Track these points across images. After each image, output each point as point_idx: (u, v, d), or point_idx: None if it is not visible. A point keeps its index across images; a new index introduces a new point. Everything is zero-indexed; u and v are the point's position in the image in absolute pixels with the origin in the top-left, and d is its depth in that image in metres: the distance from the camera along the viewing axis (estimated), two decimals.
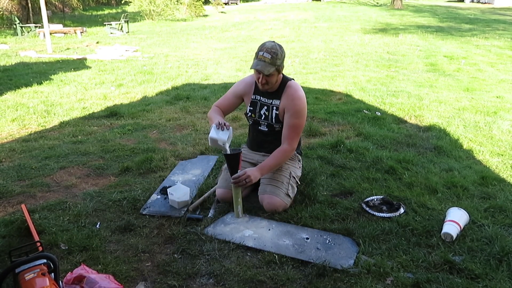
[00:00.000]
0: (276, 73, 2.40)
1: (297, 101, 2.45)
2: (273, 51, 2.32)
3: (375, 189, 2.73)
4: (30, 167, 3.17)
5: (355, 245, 2.15)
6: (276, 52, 2.32)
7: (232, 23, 17.83)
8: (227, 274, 1.93)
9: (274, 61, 2.31)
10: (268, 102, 2.54)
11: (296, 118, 2.46)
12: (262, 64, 2.31)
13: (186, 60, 8.61)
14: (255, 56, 2.37)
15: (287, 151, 2.48)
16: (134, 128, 4.15)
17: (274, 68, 2.33)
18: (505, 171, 3.07)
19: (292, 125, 2.47)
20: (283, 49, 2.40)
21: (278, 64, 2.34)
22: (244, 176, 2.32)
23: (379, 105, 4.87)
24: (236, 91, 2.67)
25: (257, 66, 2.33)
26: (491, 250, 2.05)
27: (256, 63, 2.34)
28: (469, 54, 8.69)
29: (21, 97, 5.47)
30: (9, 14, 18.40)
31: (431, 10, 22.51)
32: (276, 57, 2.32)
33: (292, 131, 2.47)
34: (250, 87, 2.61)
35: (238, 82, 2.70)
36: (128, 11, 22.08)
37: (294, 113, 2.45)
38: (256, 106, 2.59)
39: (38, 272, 1.55)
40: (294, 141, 2.49)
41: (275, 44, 2.37)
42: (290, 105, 2.45)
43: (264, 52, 2.32)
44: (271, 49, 2.32)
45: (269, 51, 2.31)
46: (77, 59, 8.77)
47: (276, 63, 2.33)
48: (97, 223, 2.37)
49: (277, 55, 2.32)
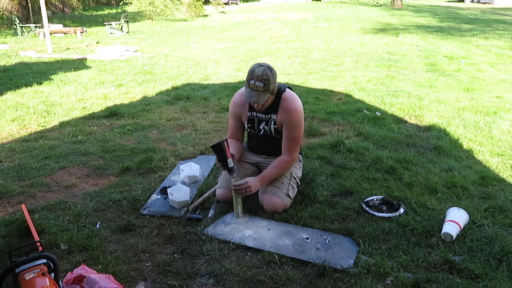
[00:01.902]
0: (271, 96, 2.36)
1: (293, 114, 2.42)
2: (264, 77, 2.24)
3: (375, 189, 2.73)
4: (30, 167, 3.17)
5: (355, 245, 2.15)
6: (268, 78, 2.25)
7: (232, 23, 17.83)
8: (227, 274, 1.93)
9: (267, 87, 2.26)
10: (267, 117, 2.51)
11: (294, 131, 2.45)
12: (256, 95, 2.26)
13: (186, 60, 8.61)
14: (247, 84, 2.30)
15: (288, 162, 2.49)
16: (134, 128, 4.15)
17: (268, 94, 2.29)
18: (505, 171, 3.07)
19: (291, 138, 2.46)
20: (273, 70, 2.32)
21: (272, 88, 2.29)
22: (245, 186, 2.34)
23: (379, 105, 4.88)
24: (233, 114, 2.62)
25: (251, 98, 2.28)
26: (491, 250, 2.05)
27: (249, 94, 2.28)
28: (469, 54, 8.69)
29: (21, 97, 5.47)
30: (9, 14, 18.39)
31: (431, 10, 22.51)
32: (269, 83, 2.26)
33: (292, 143, 2.47)
34: (243, 106, 2.55)
35: (231, 105, 2.62)
36: (128, 11, 22.08)
37: (292, 126, 2.44)
38: (254, 122, 2.56)
39: (38, 272, 1.55)
40: (295, 152, 2.50)
41: (265, 69, 2.28)
42: (287, 119, 2.43)
43: (256, 80, 2.24)
44: (261, 76, 2.24)
45: (260, 79, 2.24)
46: (77, 59, 8.77)
47: (269, 88, 2.28)
48: (97, 223, 2.38)
49: (269, 81, 2.26)
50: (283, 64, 7.89)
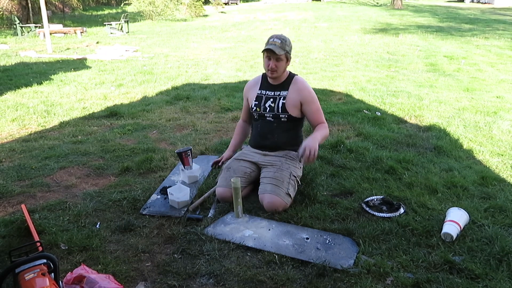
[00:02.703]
0: (285, 60, 2.59)
1: (309, 90, 2.70)
2: (282, 37, 2.57)
3: (375, 189, 2.73)
4: (30, 167, 3.17)
5: (355, 245, 2.14)
6: (285, 39, 2.58)
7: (232, 23, 17.83)
8: (227, 274, 1.93)
9: (283, 45, 2.54)
10: (275, 94, 2.70)
11: (315, 103, 2.70)
12: (273, 46, 2.52)
13: (186, 60, 8.61)
14: (266, 43, 2.58)
15: (327, 127, 2.72)
16: (134, 128, 4.16)
17: (284, 52, 2.54)
18: (505, 171, 3.07)
19: (316, 110, 2.70)
20: (290, 40, 2.63)
21: (287, 50, 2.57)
22: (307, 151, 2.36)
23: (379, 105, 4.88)
24: (245, 96, 2.90)
25: (269, 46, 2.52)
26: (491, 250, 2.05)
27: (268, 45, 2.54)
28: (469, 54, 8.69)
29: (21, 97, 5.47)
30: (9, 14, 18.40)
31: (431, 10, 22.51)
32: (285, 43, 2.56)
33: (319, 114, 2.71)
34: (254, 85, 2.81)
35: (245, 87, 2.92)
36: (128, 11, 22.07)
37: (312, 100, 2.69)
38: (261, 100, 2.73)
39: (38, 272, 1.55)
40: (324, 120, 2.74)
41: (284, 35, 2.61)
42: (305, 96, 2.67)
43: (274, 38, 2.56)
44: (280, 36, 2.58)
45: (279, 37, 2.56)
46: (77, 59, 8.77)
47: (285, 48, 2.55)
48: (97, 223, 2.38)
49: (286, 42, 2.57)
50: None
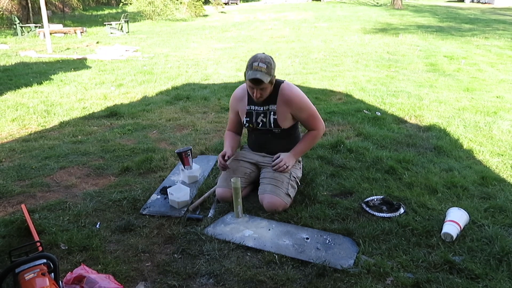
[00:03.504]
0: (270, 85, 2.44)
1: (297, 99, 2.55)
2: (267, 61, 2.36)
3: (375, 189, 2.73)
4: (30, 167, 3.17)
5: (355, 245, 2.14)
6: (270, 62, 2.38)
7: (232, 23, 17.83)
8: (227, 274, 1.93)
9: (269, 70, 2.36)
10: (265, 109, 2.57)
11: (306, 111, 2.58)
12: (260, 73, 2.33)
13: (186, 60, 8.61)
14: (249, 67, 2.37)
15: (317, 135, 2.65)
16: (134, 128, 4.16)
17: (270, 77, 2.37)
18: (505, 171, 3.07)
19: (307, 118, 2.59)
20: (273, 60, 2.44)
21: (272, 74, 2.39)
22: (282, 163, 2.50)
23: (379, 105, 4.87)
24: (232, 109, 2.74)
25: (255, 75, 2.32)
26: (491, 250, 2.05)
27: (253, 73, 2.33)
28: (469, 54, 8.69)
29: (21, 97, 5.47)
30: (9, 14, 18.40)
31: (431, 10, 22.51)
32: (271, 66, 2.37)
33: (311, 120, 2.61)
34: (242, 99, 2.65)
35: (231, 99, 2.74)
36: (128, 11, 22.07)
37: (301, 108, 2.56)
38: (252, 116, 2.62)
39: (38, 272, 1.55)
40: (318, 125, 2.62)
41: (267, 55, 2.41)
42: (293, 107, 2.53)
43: (259, 62, 2.34)
44: (265, 59, 2.36)
45: (263, 61, 2.35)
46: (77, 59, 8.77)
47: (271, 73, 2.37)
48: (97, 223, 2.38)
49: (271, 65, 2.38)
50: (283, 64, 7.89)
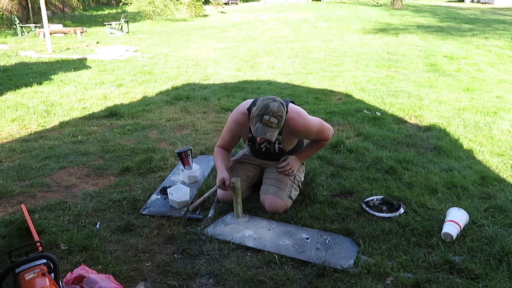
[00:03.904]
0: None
1: (302, 129, 2.37)
2: (279, 114, 2.12)
3: (375, 189, 2.73)
4: (30, 167, 3.17)
5: (355, 245, 2.15)
6: (282, 114, 2.14)
7: (232, 23, 17.83)
8: (227, 274, 1.93)
9: (280, 124, 2.15)
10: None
11: (312, 133, 2.47)
12: (270, 131, 2.12)
13: (186, 60, 8.61)
14: (258, 118, 2.12)
15: (324, 144, 2.63)
16: (134, 128, 4.16)
17: (279, 130, 2.20)
18: (505, 171, 3.07)
19: (315, 136, 2.51)
20: (285, 106, 2.22)
21: (282, 124, 2.20)
22: (288, 167, 2.50)
23: (379, 105, 4.87)
24: (232, 131, 2.48)
25: (265, 135, 2.11)
26: (491, 250, 2.05)
27: (262, 130, 2.11)
28: (469, 54, 8.69)
29: (21, 97, 5.47)
30: (9, 14, 18.39)
31: (431, 10, 22.50)
32: (282, 119, 2.15)
33: (320, 135, 2.51)
34: (243, 127, 2.43)
35: (231, 122, 2.46)
36: (128, 11, 22.07)
37: (308, 134, 2.49)
38: (255, 142, 2.47)
39: (38, 272, 1.55)
40: (327, 134, 2.52)
41: (279, 105, 2.14)
42: (300, 134, 2.48)
43: (271, 116, 2.10)
44: (277, 113, 2.11)
45: (275, 115, 2.11)
46: (77, 59, 8.77)
47: (281, 125, 2.18)
48: (97, 223, 2.38)
49: (283, 118, 2.16)
50: (283, 64, 7.89)
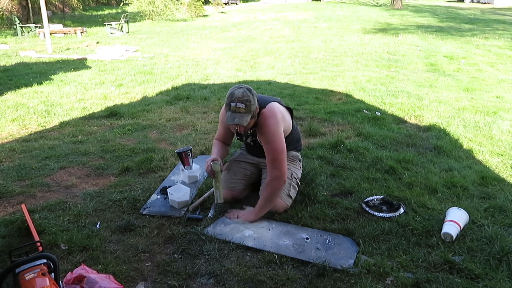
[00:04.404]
0: (253, 119, 2.26)
1: (265, 129, 2.31)
2: (244, 99, 2.17)
3: (375, 189, 2.73)
4: (30, 167, 3.17)
5: (355, 245, 2.15)
6: (248, 98, 2.18)
7: (232, 23, 17.83)
8: (227, 274, 1.93)
9: (248, 108, 2.18)
10: (252, 131, 2.46)
11: (268, 144, 2.32)
12: (239, 116, 2.18)
13: (186, 60, 8.61)
14: (227, 107, 2.22)
15: (274, 182, 2.31)
16: (134, 128, 4.16)
17: (250, 115, 2.20)
18: (505, 171, 3.07)
19: (268, 151, 2.32)
20: (253, 91, 2.24)
21: (253, 110, 2.21)
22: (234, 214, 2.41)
23: (379, 105, 4.87)
24: (222, 123, 2.56)
25: (234, 120, 2.18)
26: (491, 250, 2.05)
27: (231, 117, 2.19)
28: (469, 54, 8.69)
29: (21, 97, 5.47)
30: (9, 14, 18.38)
31: (431, 10, 22.51)
32: (250, 103, 2.18)
33: (270, 157, 2.31)
34: None
35: (221, 114, 2.56)
36: (128, 11, 22.06)
37: (265, 142, 2.33)
38: (242, 136, 2.57)
39: (38, 272, 1.55)
40: (276, 168, 2.29)
41: (244, 90, 2.20)
42: (261, 133, 2.36)
43: (237, 102, 2.16)
44: (242, 98, 2.17)
45: (241, 100, 2.16)
46: (77, 59, 8.77)
47: (251, 110, 2.19)
48: (97, 223, 2.38)
49: (250, 101, 2.18)
50: (283, 64, 7.89)
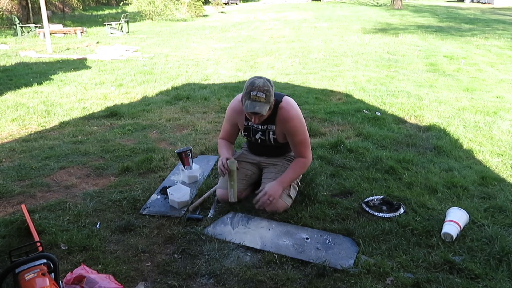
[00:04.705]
0: (269, 110, 2.31)
1: (293, 122, 2.39)
2: (265, 88, 2.20)
3: (375, 189, 2.73)
4: (30, 167, 3.17)
5: (355, 245, 2.15)
6: (269, 89, 2.22)
7: (232, 23, 17.83)
8: (227, 274, 1.93)
9: (268, 99, 2.22)
10: (263, 128, 2.48)
11: (299, 135, 2.43)
12: (259, 105, 2.21)
13: (186, 60, 8.61)
14: (246, 96, 2.23)
15: (305, 163, 2.50)
16: (134, 128, 4.16)
17: (268, 106, 2.25)
18: (505, 171, 3.07)
19: (299, 143, 2.45)
20: (271, 82, 2.29)
21: (271, 101, 2.27)
22: (265, 197, 2.33)
23: (379, 105, 4.88)
24: (230, 120, 2.59)
25: (254, 108, 2.20)
26: (491, 250, 2.05)
27: (251, 105, 2.21)
28: (469, 54, 8.69)
29: (21, 97, 5.47)
30: (9, 14, 18.39)
31: (431, 10, 22.51)
32: (270, 94, 2.23)
33: (301, 146, 2.47)
34: (239, 114, 2.51)
35: (228, 110, 2.59)
36: (128, 11, 22.07)
37: (295, 132, 2.42)
38: (250, 132, 2.55)
39: (38, 272, 1.55)
40: (307, 153, 2.48)
41: (265, 81, 2.24)
42: (287, 128, 2.41)
43: (257, 91, 2.20)
44: (263, 87, 2.20)
45: (262, 89, 2.20)
46: (77, 59, 8.77)
47: (270, 100, 2.24)
48: (97, 223, 2.38)
49: (270, 92, 2.23)
50: (283, 64, 7.89)
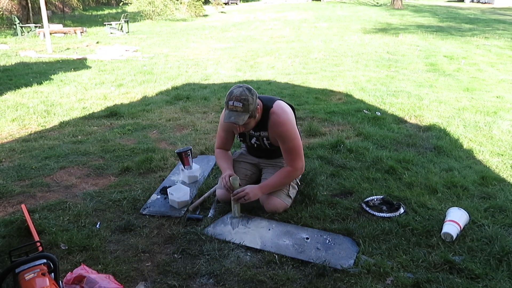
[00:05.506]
0: (253, 119, 2.28)
1: (282, 128, 2.35)
2: (242, 97, 2.17)
3: (375, 189, 2.73)
4: (30, 167, 3.17)
5: (355, 245, 2.15)
6: (246, 98, 2.18)
7: (232, 23, 17.83)
8: (227, 274, 1.93)
9: (246, 108, 2.19)
10: (257, 133, 2.47)
11: (289, 142, 2.37)
12: (235, 115, 2.19)
13: (186, 60, 8.61)
14: (225, 105, 2.24)
15: (291, 173, 2.43)
16: (134, 128, 4.16)
17: (247, 114, 2.21)
18: (505, 171, 3.07)
19: (288, 150, 2.39)
20: (252, 91, 2.24)
21: (251, 109, 2.22)
22: (242, 194, 2.34)
23: (379, 105, 4.87)
24: (224, 126, 2.56)
25: (230, 119, 2.19)
26: (491, 250, 2.05)
27: (228, 115, 2.21)
28: (469, 54, 8.69)
29: (21, 97, 5.47)
30: (9, 14, 18.39)
31: (431, 10, 22.50)
32: (248, 103, 2.18)
33: (291, 154, 2.40)
34: None
35: (222, 117, 2.53)
36: (128, 11, 22.06)
37: (285, 138, 2.37)
38: (246, 137, 2.55)
39: (38, 272, 1.55)
40: (297, 162, 2.41)
41: (243, 90, 2.21)
42: (277, 134, 2.37)
43: (234, 101, 2.18)
44: (240, 97, 2.18)
45: (238, 99, 2.17)
46: (77, 59, 8.77)
47: (248, 109, 2.20)
48: (97, 223, 2.38)
49: (248, 101, 2.19)
50: (283, 64, 7.89)
